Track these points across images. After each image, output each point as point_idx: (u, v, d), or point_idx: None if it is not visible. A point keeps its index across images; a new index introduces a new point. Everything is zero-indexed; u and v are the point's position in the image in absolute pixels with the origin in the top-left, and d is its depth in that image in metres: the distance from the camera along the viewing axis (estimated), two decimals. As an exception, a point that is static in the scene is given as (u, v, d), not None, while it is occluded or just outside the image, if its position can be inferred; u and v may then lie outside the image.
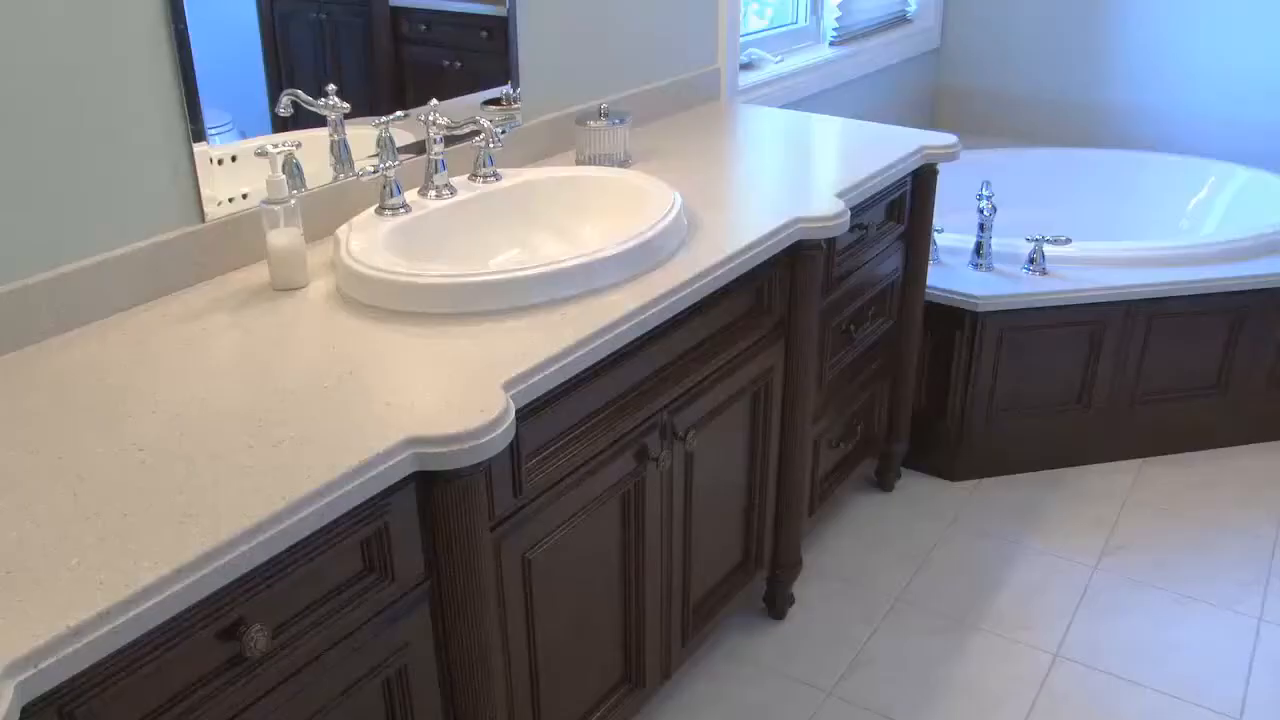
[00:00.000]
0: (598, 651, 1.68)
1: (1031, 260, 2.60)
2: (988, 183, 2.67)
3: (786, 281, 1.87)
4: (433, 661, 1.29)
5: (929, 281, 2.53)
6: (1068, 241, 2.67)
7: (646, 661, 1.79)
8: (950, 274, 2.59)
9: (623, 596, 1.69)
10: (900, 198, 2.27)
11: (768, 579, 2.18)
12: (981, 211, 2.61)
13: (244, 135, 1.59)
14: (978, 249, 2.63)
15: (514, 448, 1.33)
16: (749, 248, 1.68)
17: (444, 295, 1.43)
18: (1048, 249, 2.65)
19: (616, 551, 1.64)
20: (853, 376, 2.29)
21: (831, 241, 2.00)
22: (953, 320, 2.53)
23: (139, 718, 0.97)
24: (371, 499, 1.14)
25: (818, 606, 2.28)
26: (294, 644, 1.10)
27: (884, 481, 2.67)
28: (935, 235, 2.69)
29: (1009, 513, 2.58)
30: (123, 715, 0.96)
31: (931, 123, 3.94)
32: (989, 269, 2.62)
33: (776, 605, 2.23)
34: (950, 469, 2.69)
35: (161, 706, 0.99)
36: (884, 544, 2.48)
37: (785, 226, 1.77)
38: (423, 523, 1.22)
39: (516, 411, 1.26)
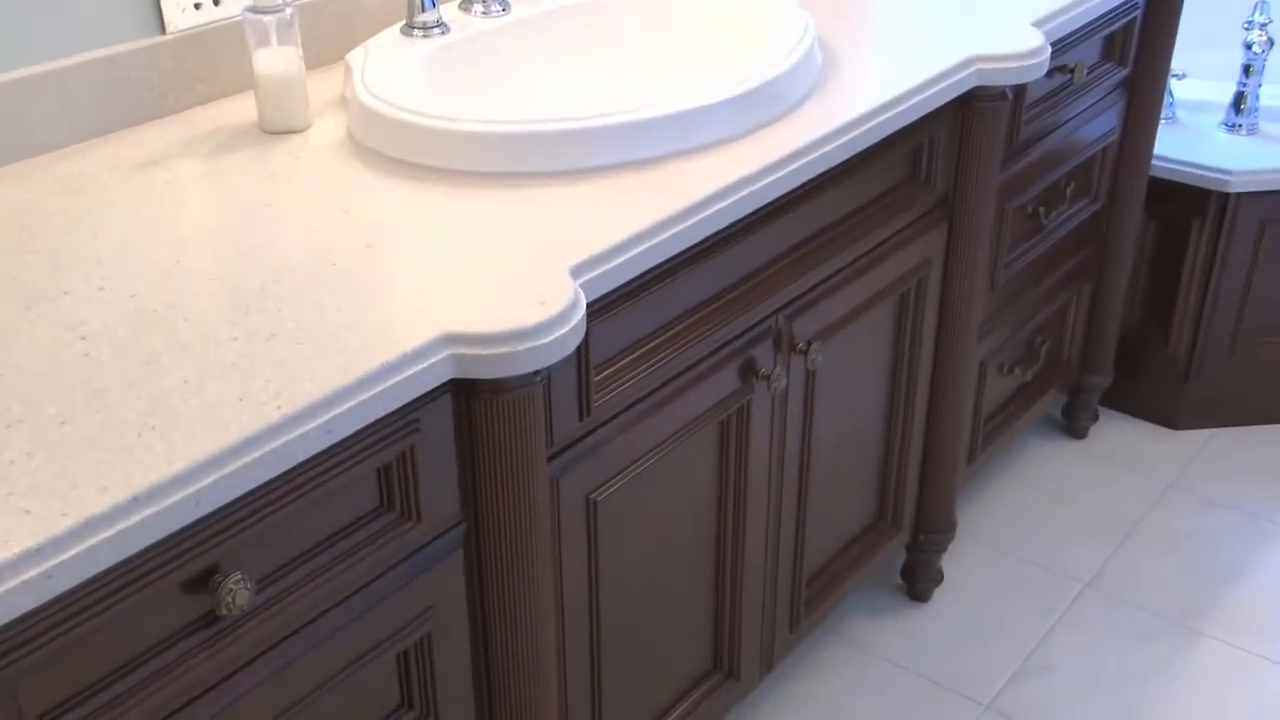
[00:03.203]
0: (680, 630, 1.71)
1: (1324, 120, 2.52)
2: (1264, 3, 2.55)
3: (954, 144, 1.85)
4: (464, 629, 1.32)
5: (1158, 149, 2.46)
6: None
7: (743, 647, 1.81)
8: (1192, 138, 2.53)
9: (715, 559, 1.72)
10: (1125, 28, 2.21)
11: (908, 547, 2.20)
12: (1249, 47, 2.52)
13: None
14: (1237, 103, 2.56)
15: (581, 354, 1.34)
16: (905, 96, 1.66)
17: (493, 148, 1.44)
18: (1351, 104, 2.56)
19: (710, 497, 1.66)
20: (1038, 278, 2.26)
21: (1021, 90, 1.96)
22: (1190, 204, 2.48)
23: (77, 691, 0.99)
24: (394, 413, 1.15)
25: (974, 588, 2.30)
26: (283, 601, 1.13)
27: (1075, 425, 2.66)
28: (1172, 83, 2.61)
29: (1255, 478, 2.55)
30: (53, 688, 0.97)
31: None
32: (1252, 132, 2.55)
33: (918, 583, 2.25)
34: (1171, 413, 2.67)
35: (107, 678, 1.01)
36: (1071, 509, 2.48)
37: (958, 67, 1.74)
38: (459, 448, 1.24)
39: (587, 306, 1.27)
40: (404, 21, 1.67)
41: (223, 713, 1.10)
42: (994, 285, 2.12)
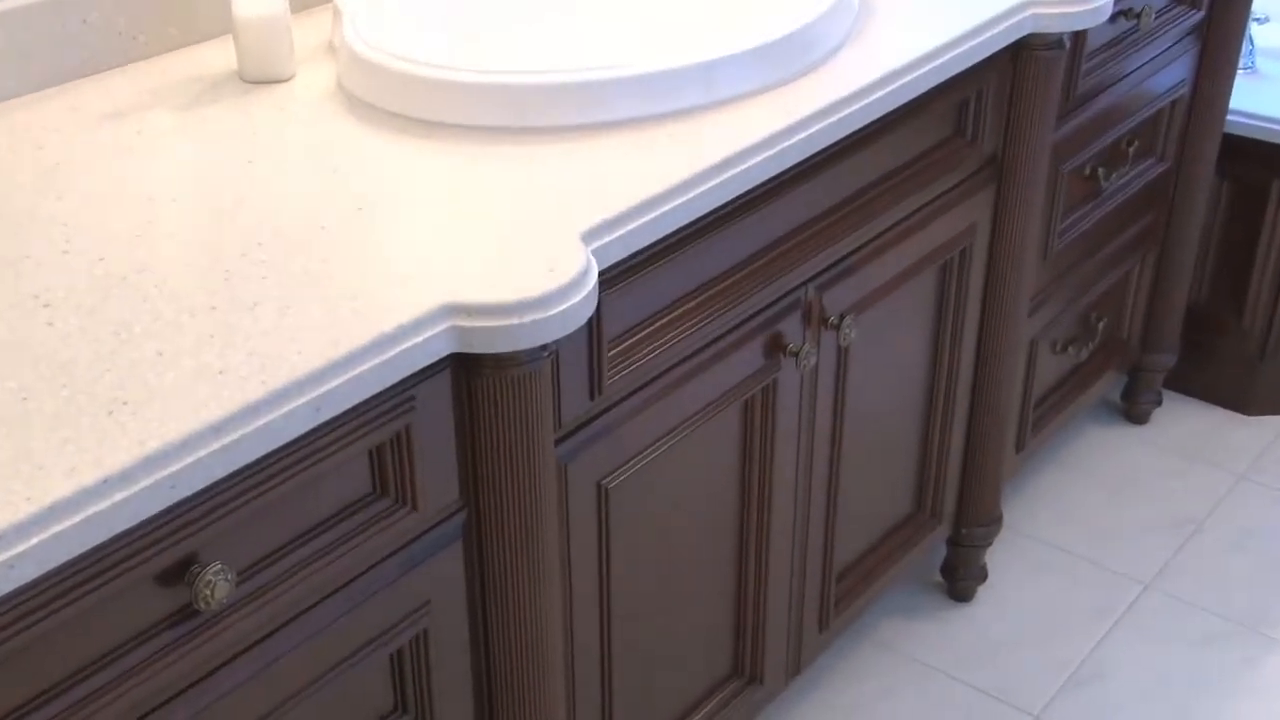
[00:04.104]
0: (698, 630, 1.71)
1: None
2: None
3: (1004, 98, 1.85)
4: (464, 626, 1.33)
5: (1234, 102, 2.45)
6: None
7: (768, 649, 1.82)
8: (1273, 90, 2.52)
9: (737, 552, 1.72)
10: (1197, -32, 2.21)
11: (949, 542, 2.20)
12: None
13: None
14: (1326, 51, 2.55)
15: (593, 327, 1.35)
16: (950, 45, 1.66)
17: (498, 100, 1.44)
18: None
19: (732, 485, 1.67)
20: (1096, 247, 2.26)
21: (1079, 37, 1.96)
22: (1269, 164, 2.47)
23: (39, 692, 1.00)
24: (388, 390, 1.15)
25: (1022, 587, 2.30)
26: (267, 594, 1.13)
27: (1135, 409, 2.66)
28: (1253, 28, 2.59)
29: (1335, 467, 2.55)
30: (14, 689, 0.98)
31: None
32: (1343, 83, 2.54)
33: (960, 581, 2.25)
34: (1243, 397, 2.67)
35: (72, 677, 1.02)
36: (1130, 502, 2.48)
37: (1009, 12, 1.74)
38: (460, 429, 1.24)
39: (599, 274, 1.27)
40: (399, -41, 1.67)
41: (200, 715, 1.11)
42: (1046, 254, 2.12)
